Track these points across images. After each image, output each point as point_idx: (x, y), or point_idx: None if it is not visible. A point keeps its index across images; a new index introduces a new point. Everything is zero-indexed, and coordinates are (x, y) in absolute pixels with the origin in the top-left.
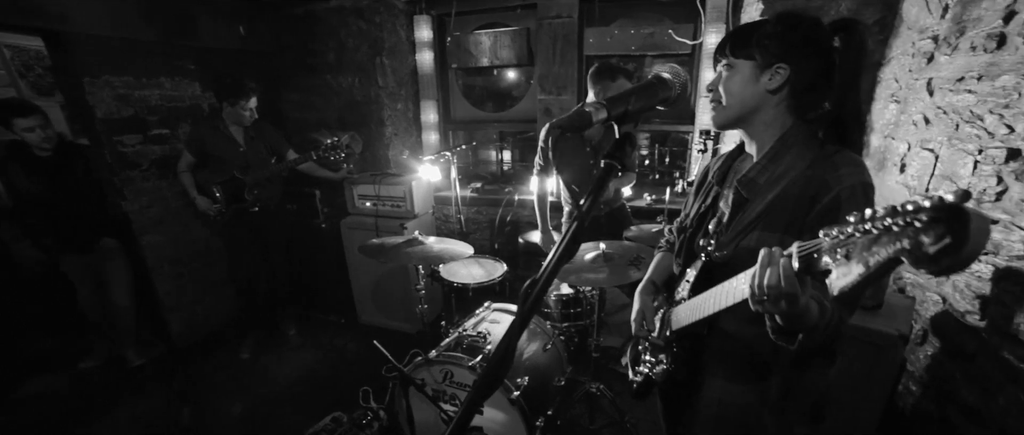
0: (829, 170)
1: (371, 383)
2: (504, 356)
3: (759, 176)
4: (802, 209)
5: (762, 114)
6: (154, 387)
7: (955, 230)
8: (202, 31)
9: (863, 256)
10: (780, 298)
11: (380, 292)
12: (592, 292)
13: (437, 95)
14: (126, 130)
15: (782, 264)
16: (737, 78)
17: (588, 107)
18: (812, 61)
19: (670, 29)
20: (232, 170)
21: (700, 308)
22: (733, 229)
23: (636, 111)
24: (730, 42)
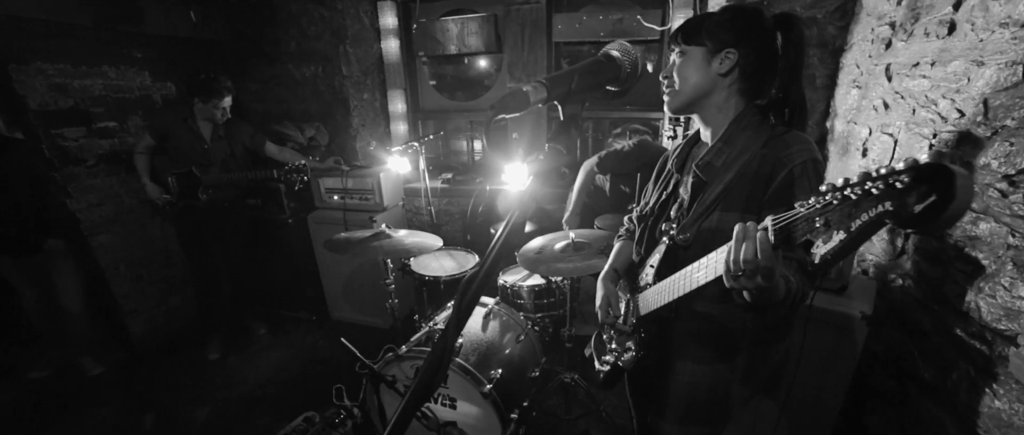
0: (781, 148)
1: (344, 380)
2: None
3: (715, 159)
4: (759, 187)
5: (714, 97)
6: (113, 395)
7: (940, 188)
8: (149, 17)
9: (845, 222)
10: (756, 272)
11: (351, 288)
12: (564, 281)
13: (404, 84)
14: (66, 122)
15: (759, 237)
16: (690, 64)
17: (526, 87)
18: (757, 46)
19: (639, 15)
20: (191, 164)
21: (667, 291)
22: (694, 212)
23: (580, 91)
24: (682, 31)
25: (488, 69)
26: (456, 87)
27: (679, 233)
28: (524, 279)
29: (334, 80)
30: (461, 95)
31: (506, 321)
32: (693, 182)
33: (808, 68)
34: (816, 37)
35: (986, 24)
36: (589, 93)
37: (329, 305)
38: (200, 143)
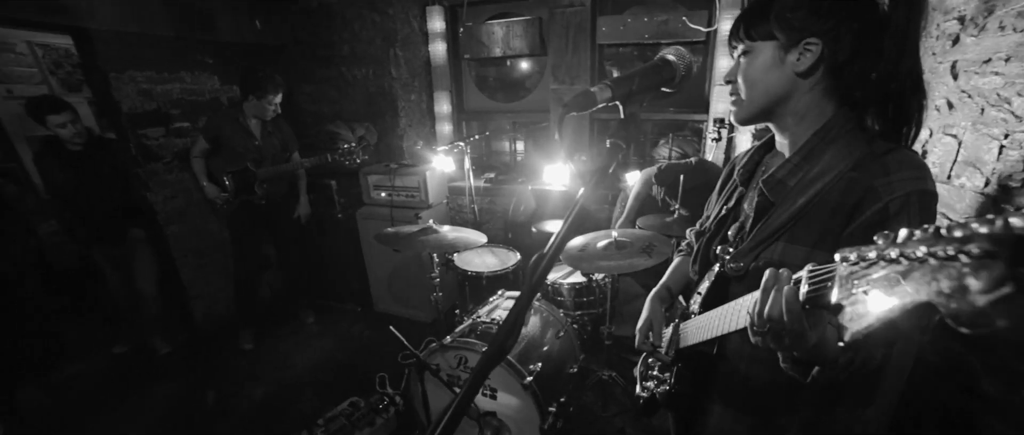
0: (878, 174)
1: (387, 370)
2: (512, 327)
3: (789, 177)
4: (839, 220)
5: (793, 103)
6: (180, 372)
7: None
8: (220, 25)
9: (887, 296)
10: (782, 334)
11: (396, 281)
12: (604, 279)
13: (450, 86)
14: (150, 123)
15: (786, 293)
16: (757, 63)
17: (593, 88)
18: (850, 26)
19: (684, 16)
20: (245, 162)
21: (707, 327)
22: (754, 238)
23: (640, 91)
24: (744, 22)
25: (530, 71)
26: (498, 88)
27: (731, 260)
28: (565, 277)
29: (384, 82)
30: (502, 96)
31: (547, 317)
32: (758, 202)
33: None
34: None
35: None
36: (647, 94)
37: (374, 298)
38: (251, 140)
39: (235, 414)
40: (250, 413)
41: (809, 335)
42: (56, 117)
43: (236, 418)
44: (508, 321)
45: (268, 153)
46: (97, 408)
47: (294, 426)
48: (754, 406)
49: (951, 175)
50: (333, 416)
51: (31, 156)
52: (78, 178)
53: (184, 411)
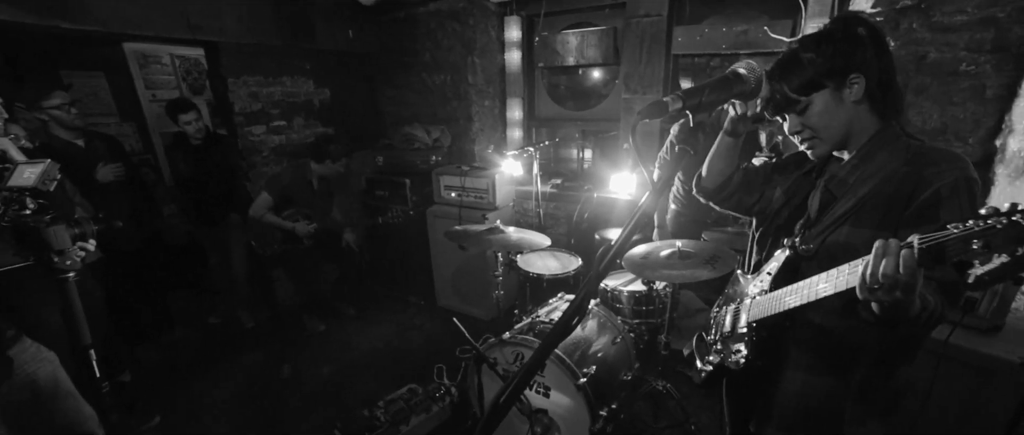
0: (926, 165)
1: (445, 361)
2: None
3: (849, 175)
4: (897, 206)
5: (856, 125)
6: (260, 345)
7: None
8: (319, 34)
9: (1009, 246)
10: (896, 288)
11: (458, 278)
12: (665, 289)
13: (523, 93)
14: (254, 122)
15: (903, 255)
16: (821, 109)
17: (665, 98)
18: (871, 53)
19: (766, 26)
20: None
21: (783, 301)
22: (821, 225)
23: (710, 103)
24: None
25: (601, 80)
26: (568, 96)
27: (802, 243)
28: (625, 284)
29: (460, 88)
30: (572, 104)
31: (604, 322)
32: (822, 197)
33: (976, 78)
34: (993, 40)
35: None
36: (717, 105)
37: (437, 292)
38: (312, 196)
39: (306, 387)
40: (318, 387)
41: (919, 285)
42: (185, 116)
43: (307, 390)
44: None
45: (320, 208)
46: (195, 368)
47: (356, 404)
48: (825, 367)
49: None
50: (392, 399)
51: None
52: (197, 168)
53: (263, 379)
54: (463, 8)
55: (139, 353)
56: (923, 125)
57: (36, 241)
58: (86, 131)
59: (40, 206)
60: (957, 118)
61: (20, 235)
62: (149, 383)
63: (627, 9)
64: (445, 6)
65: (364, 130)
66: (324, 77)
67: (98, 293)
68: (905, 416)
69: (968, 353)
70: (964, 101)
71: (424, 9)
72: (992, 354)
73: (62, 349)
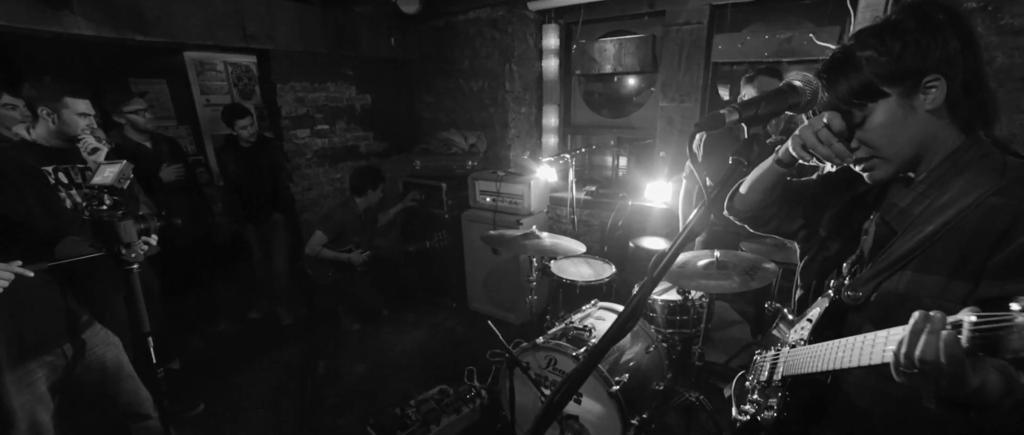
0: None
1: (475, 364)
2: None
3: (914, 205)
4: (981, 248)
5: (932, 141)
6: (297, 341)
7: None
8: (362, 43)
9: None
10: (939, 377)
11: (491, 282)
12: (701, 299)
13: (559, 100)
14: (299, 126)
15: (944, 338)
16: (884, 121)
17: (723, 109)
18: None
19: (811, 33)
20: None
21: (824, 357)
22: (874, 267)
23: (765, 115)
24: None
25: (637, 88)
26: (603, 104)
27: (849, 289)
28: (659, 293)
29: (498, 94)
30: (608, 112)
31: (637, 331)
32: (877, 231)
33: None
34: None
35: None
36: (772, 117)
37: (469, 296)
38: (360, 226)
39: (340, 383)
40: (352, 384)
41: (970, 380)
42: (242, 121)
43: (341, 386)
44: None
45: (368, 237)
46: (236, 360)
47: (389, 402)
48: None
49: None
50: (424, 399)
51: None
52: (245, 169)
53: (300, 374)
54: (502, 16)
55: (186, 343)
56: None
57: (109, 234)
58: (153, 134)
59: (115, 202)
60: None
61: (96, 228)
62: (194, 372)
63: (666, 17)
64: (484, 14)
65: (402, 135)
66: (366, 83)
67: (155, 285)
68: None
69: None
70: None
71: (463, 17)
72: None
73: (125, 335)
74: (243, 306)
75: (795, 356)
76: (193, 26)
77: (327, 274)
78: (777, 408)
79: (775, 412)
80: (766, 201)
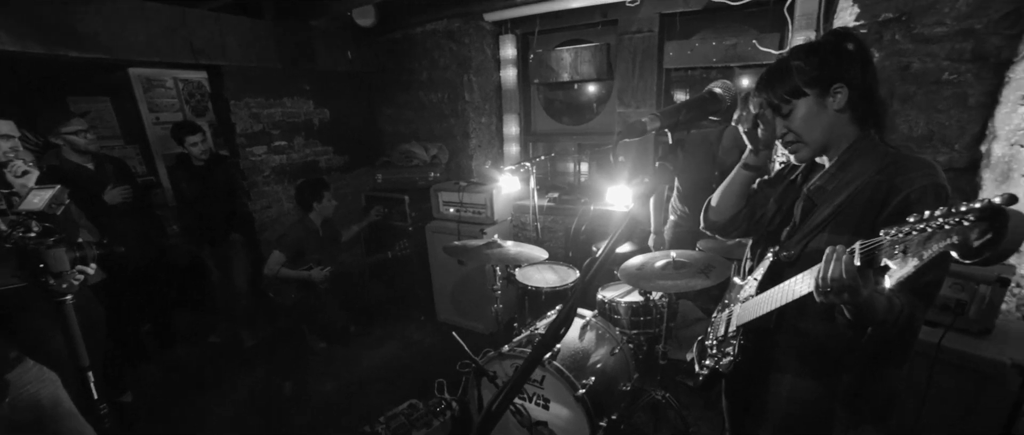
0: (897, 173)
1: (445, 376)
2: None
3: (828, 184)
4: (872, 212)
5: (835, 132)
6: (262, 363)
7: (996, 227)
8: (318, 57)
9: (918, 250)
10: (842, 290)
11: (458, 293)
12: (662, 299)
13: (519, 109)
14: (256, 142)
15: (844, 260)
16: (805, 114)
17: (644, 118)
18: (857, 65)
19: (754, 40)
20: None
21: (765, 303)
22: (801, 231)
23: (687, 121)
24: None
25: (596, 95)
26: (564, 111)
27: (783, 250)
28: (622, 295)
29: (457, 105)
30: (568, 119)
31: (602, 334)
32: (804, 205)
33: (958, 86)
34: (972, 50)
35: None
36: (695, 123)
37: (437, 307)
38: (317, 237)
39: (308, 403)
40: (320, 404)
41: (862, 289)
42: (192, 137)
43: (308, 408)
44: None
45: (330, 252)
46: (196, 387)
47: (359, 420)
48: (810, 369)
49: None
50: (393, 414)
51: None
52: (199, 189)
53: (265, 397)
54: (459, 28)
55: (142, 372)
56: (910, 132)
57: (35, 263)
58: (96, 155)
59: (45, 229)
60: (943, 125)
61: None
62: (151, 402)
63: (619, 26)
64: (441, 26)
65: (363, 148)
66: (324, 97)
67: (100, 315)
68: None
69: (961, 356)
70: (948, 109)
71: (421, 30)
72: (984, 356)
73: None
74: (203, 330)
75: (746, 308)
76: (135, 41)
77: (290, 294)
78: (734, 354)
79: (732, 357)
80: (738, 206)
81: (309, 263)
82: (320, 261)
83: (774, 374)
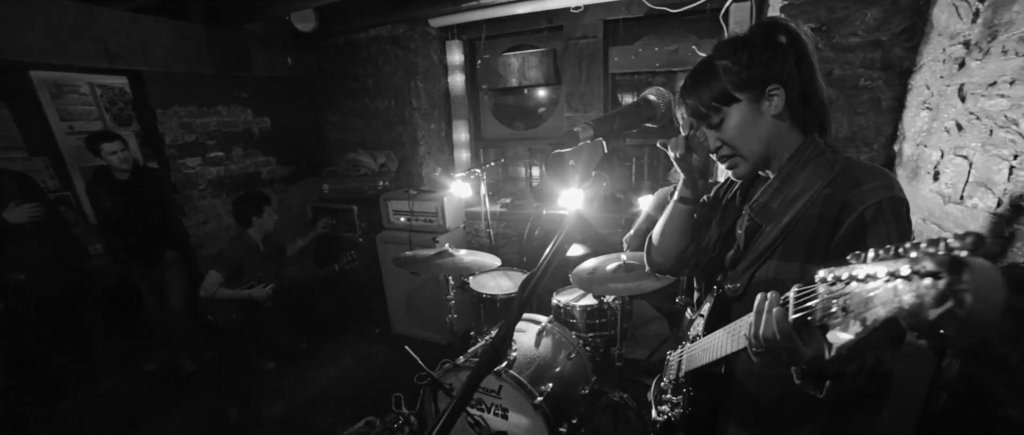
0: (850, 186)
1: (403, 390)
2: (504, 337)
3: (772, 200)
4: (824, 234)
5: (775, 141)
6: (205, 389)
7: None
8: (255, 63)
9: (860, 312)
10: (779, 352)
11: (413, 304)
12: (615, 301)
13: (468, 115)
14: (188, 154)
15: (775, 314)
16: (737, 122)
17: (577, 128)
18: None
19: (693, 45)
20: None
21: (713, 348)
22: (747, 258)
23: (621, 129)
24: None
25: (545, 99)
26: (515, 117)
27: (728, 282)
28: (577, 299)
29: (405, 112)
30: (520, 124)
31: (558, 339)
32: (747, 225)
33: (873, 91)
34: (881, 59)
35: None
36: (629, 130)
37: (392, 319)
38: (258, 253)
39: (257, 429)
40: (271, 428)
41: (804, 351)
42: (109, 146)
43: (259, 432)
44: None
45: (272, 268)
46: (128, 423)
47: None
48: (768, 422)
49: (964, 196)
50: (350, 433)
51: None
52: (124, 204)
53: (208, 427)
54: (404, 33)
55: (59, 411)
56: (836, 133)
57: None
58: None
59: None
60: (862, 127)
61: None
62: None
63: (564, 31)
64: (385, 32)
65: (308, 158)
66: (264, 105)
67: None
68: None
69: None
70: (866, 112)
71: (364, 35)
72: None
73: None
74: (135, 358)
75: (692, 351)
76: (34, 42)
77: (231, 315)
78: (683, 404)
79: (681, 409)
80: (683, 243)
81: (250, 281)
82: (262, 278)
83: (731, 427)
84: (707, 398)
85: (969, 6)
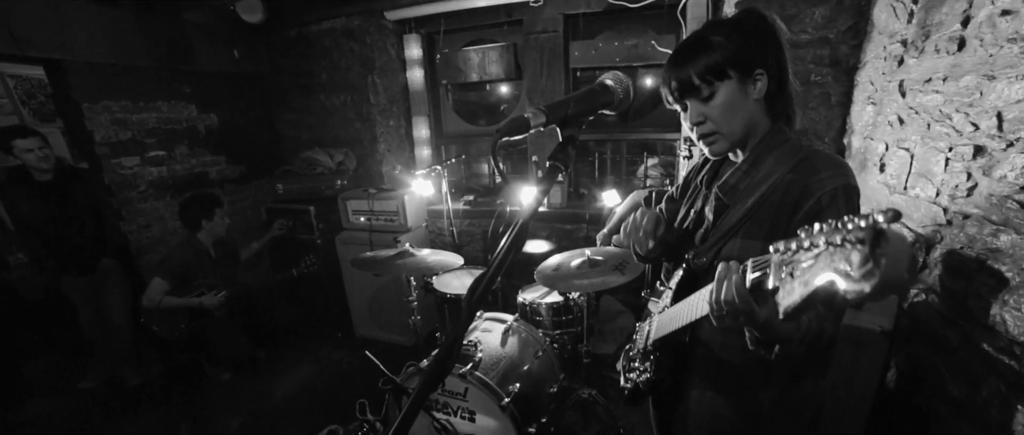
0: (810, 173)
1: (367, 395)
2: (452, 345)
3: (739, 182)
4: (784, 216)
5: (753, 124)
6: (153, 405)
7: (876, 255)
8: (198, 56)
9: (803, 276)
10: (737, 314)
11: (376, 306)
12: (581, 298)
13: (428, 111)
14: (124, 153)
15: (735, 280)
16: (725, 100)
17: (527, 113)
18: (774, 51)
19: (653, 40)
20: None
21: (678, 316)
22: (713, 237)
23: (576, 115)
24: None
25: (507, 94)
26: (478, 112)
27: (695, 257)
28: (543, 297)
29: (362, 108)
30: (483, 121)
31: (525, 337)
32: (715, 205)
33: (823, 87)
34: (829, 56)
35: (994, 40)
36: (585, 117)
37: (354, 323)
38: (209, 259)
39: None
40: None
41: (758, 313)
42: (23, 142)
43: None
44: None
45: (224, 274)
46: None
47: None
48: (728, 386)
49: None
50: None
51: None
52: (46, 208)
53: None
54: (359, 26)
55: None
56: None
57: None
58: None
59: None
60: (814, 121)
61: None
62: None
63: (524, 26)
64: (339, 24)
65: (261, 157)
66: (210, 101)
67: None
68: None
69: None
70: (818, 106)
71: (317, 28)
72: (860, 326)
73: None
74: (70, 376)
75: (660, 321)
76: None
77: (179, 326)
78: (651, 370)
79: (650, 374)
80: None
81: (201, 288)
82: (213, 285)
83: (694, 391)
84: (672, 364)
85: (904, 7)
